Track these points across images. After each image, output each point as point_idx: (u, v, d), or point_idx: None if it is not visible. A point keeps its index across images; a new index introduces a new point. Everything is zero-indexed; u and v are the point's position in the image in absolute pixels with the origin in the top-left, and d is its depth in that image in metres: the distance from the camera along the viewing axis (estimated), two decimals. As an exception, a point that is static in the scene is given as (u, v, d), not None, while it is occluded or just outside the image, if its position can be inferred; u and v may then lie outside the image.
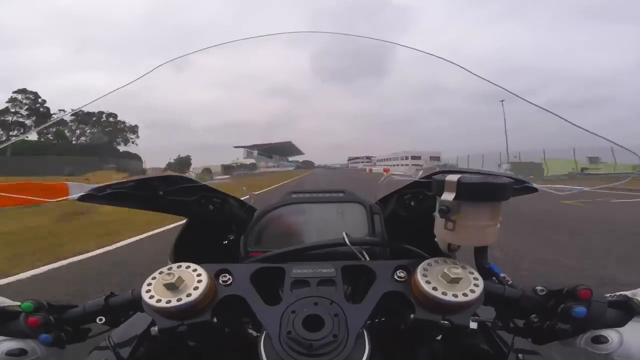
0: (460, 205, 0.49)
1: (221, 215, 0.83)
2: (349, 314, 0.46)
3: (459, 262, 0.51)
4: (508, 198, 0.49)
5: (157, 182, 0.71)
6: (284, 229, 0.85)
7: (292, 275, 0.53)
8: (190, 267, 0.51)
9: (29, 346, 0.48)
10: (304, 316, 0.45)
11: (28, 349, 0.48)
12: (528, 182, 0.58)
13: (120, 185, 0.66)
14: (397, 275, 0.52)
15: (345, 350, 0.42)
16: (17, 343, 0.48)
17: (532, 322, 0.49)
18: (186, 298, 0.46)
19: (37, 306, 0.49)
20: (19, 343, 0.48)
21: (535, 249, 4.23)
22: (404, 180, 0.86)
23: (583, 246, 4.39)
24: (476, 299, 0.46)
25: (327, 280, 0.52)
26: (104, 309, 0.52)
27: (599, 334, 0.45)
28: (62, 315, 0.51)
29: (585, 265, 3.58)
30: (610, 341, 0.45)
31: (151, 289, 0.48)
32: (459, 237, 0.51)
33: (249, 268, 0.54)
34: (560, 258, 3.83)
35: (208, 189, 0.80)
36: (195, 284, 0.48)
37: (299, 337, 0.42)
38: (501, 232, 0.51)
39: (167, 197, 0.73)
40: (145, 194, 0.70)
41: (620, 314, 0.46)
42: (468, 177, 0.49)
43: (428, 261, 0.51)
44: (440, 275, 0.48)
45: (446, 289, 0.46)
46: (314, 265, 0.54)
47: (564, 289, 0.48)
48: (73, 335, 0.52)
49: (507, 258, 3.80)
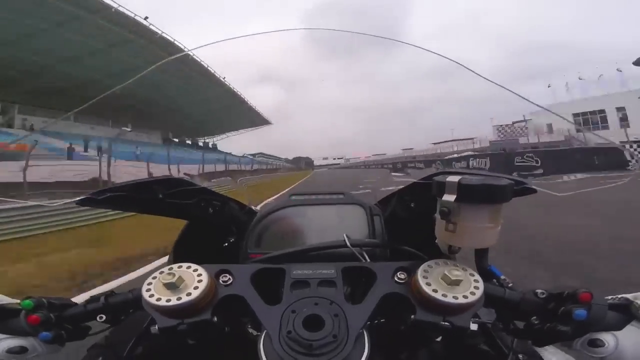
0: (461, 207, 0.49)
1: (221, 218, 0.83)
2: (349, 315, 0.46)
3: (459, 263, 0.51)
4: (509, 199, 0.49)
5: (157, 185, 0.71)
6: (284, 231, 0.85)
7: (293, 275, 0.53)
8: (190, 267, 0.51)
9: (30, 344, 0.48)
10: (304, 316, 0.45)
11: (29, 347, 0.48)
12: (527, 183, 0.58)
13: (120, 188, 0.66)
14: (398, 276, 0.52)
15: (344, 351, 0.42)
16: (17, 341, 0.48)
17: (532, 324, 0.49)
18: (186, 297, 0.46)
19: (37, 304, 0.49)
20: (20, 341, 0.48)
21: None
22: (404, 181, 0.86)
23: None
24: (476, 301, 0.46)
25: (327, 281, 0.52)
26: (105, 307, 0.52)
27: (596, 337, 0.46)
28: (62, 313, 0.52)
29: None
30: (606, 345, 0.45)
31: (151, 287, 0.48)
32: (459, 239, 0.51)
33: (249, 268, 0.55)
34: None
35: (208, 192, 0.80)
36: (196, 284, 0.48)
37: (299, 336, 0.43)
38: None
39: (167, 200, 0.72)
40: (144, 197, 0.70)
41: (619, 318, 0.46)
42: (469, 178, 0.49)
43: (428, 263, 0.51)
44: (441, 277, 0.48)
45: (446, 290, 0.46)
46: (314, 266, 0.54)
47: (565, 291, 0.48)
48: (73, 333, 0.52)
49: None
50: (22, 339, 0.48)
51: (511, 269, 3.17)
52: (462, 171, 0.56)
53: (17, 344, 0.47)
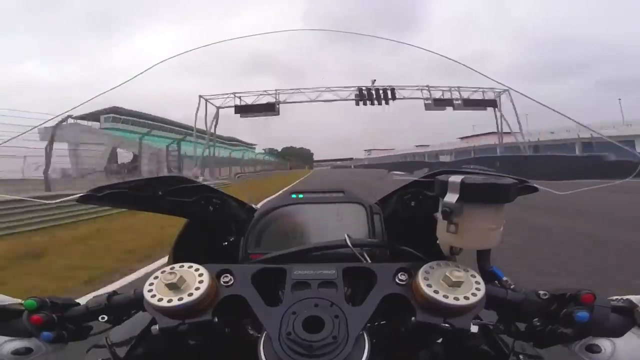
0: (464, 207, 0.48)
1: (221, 216, 0.83)
2: (349, 316, 0.45)
3: (460, 264, 0.51)
4: (513, 199, 0.48)
5: (156, 183, 0.71)
6: (284, 230, 0.85)
7: (293, 276, 0.53)
8: (192, 267, 0.51)
9: (35, 344, 0.48)
10: (304, 317, 0.45)
11: (34, 347, 0.48)
12: (528, 181, 0.57)
13: (119, 186, 0.66)
14: (399, 278, 0.51)
15: (344, 352, 0.42)
16: (22, 342, 0.48)
17: (534, 326, 0.49)
18: (187, 297, 0.46)
19: (40, 304, 0.49)
20: (24, 342, 0.48)
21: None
22: (404, 179, 0.85)
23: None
24: (478, 303, 0.45)
25: (328, 282, 0.52)
26: (107, 307, 0.52)
27: (594, 342, 0.45)
28: (65, 313, 0.52)
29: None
30: (603, 351, 0.45)
31: (153, 288, 0.48)
32: (461, 240, 0.51)
33: (250, 269, 0.54)
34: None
35: (208, 190, 0.80)
36: (197, 284, 0.48)
37: (299, 338, 0.42)
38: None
39: (167, 198, 0.72)
40: (145, 195, 0.70)
41: (621, 321, 0.46)
42: (472, 177, 0.48)
43: (430, 264, 0.51)
44: (442, 279, 0.48)
45: (447, 292, 0.46)
46: (315, 267, 0.54)
47: (567, 293, 0.47)
48: (75, 333, 0.52)
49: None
50: (26, 340, 0.48)
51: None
52: (464, 170, 0.55)
53: (22, 345, 0.48)
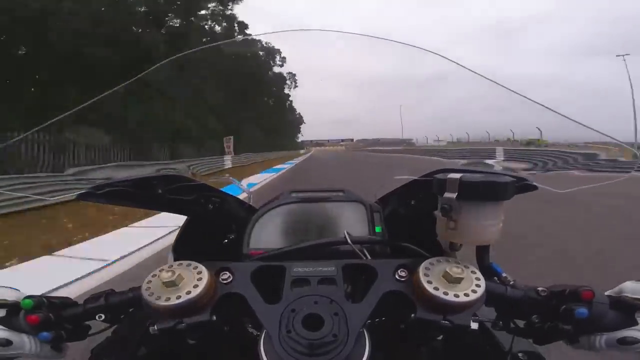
0: (462, 204, 0.49)
1: (221, 214, 0.83)
2: (349, 313, 0.45)
3: (460, 261, 0.51)
4: (510, 197, 0.49)
5: (156, 181, 0.71)
6: (284, 228, 0.85)
7: (293, 273, 0.53)
8: (190, 265, 0.51)
9: (19, 338, 0.46)
10: (304, 315, 0.45)
11: (14, 341, 0.46)
12: (527, 179, 0.57)
13: (119, 183, 0.66)
14: (399, 274, 0.51)
15: (345, 350, 0.42)
16: (4, 333, 0.46)
17: (533, 323, 0.49)
18: (186, 296, 0.46)
19: (37, 303, 0.49)
20: (6, 333, 0.46)
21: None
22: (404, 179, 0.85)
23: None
24: (477, 299, 0.45)
25: (327, 278, 0.52)
26: (104, 306, 0.52)
27: (624, 335, 0.44)
28: (62, 312, 0.51)
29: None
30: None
31: (151, 286, 0.48)
32: (460, 236, 0.51)
33: (249, 266, 0.54)
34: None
35: (207, 188, 0.80)
36: (195, 282, 0.48)
37: (299, 336, 0.42)
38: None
39: (167, 196, 0.73)
40: (144, 193, 0.70)
41: (621, 316, 0.46)
42: (470, 175, 0.49)
43: (430, 260, 0.51)
44: (442, 275, 0.48)
45: (447, 288, 0.46)
46: (314, 264, 0.54)
47: (566, 289, 0.48)
48: (72, 333, 0.52)
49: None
50: (9, 331, 0.46)
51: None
52: (463, 169, 0.56)
53: (3, 335, 0.46)
